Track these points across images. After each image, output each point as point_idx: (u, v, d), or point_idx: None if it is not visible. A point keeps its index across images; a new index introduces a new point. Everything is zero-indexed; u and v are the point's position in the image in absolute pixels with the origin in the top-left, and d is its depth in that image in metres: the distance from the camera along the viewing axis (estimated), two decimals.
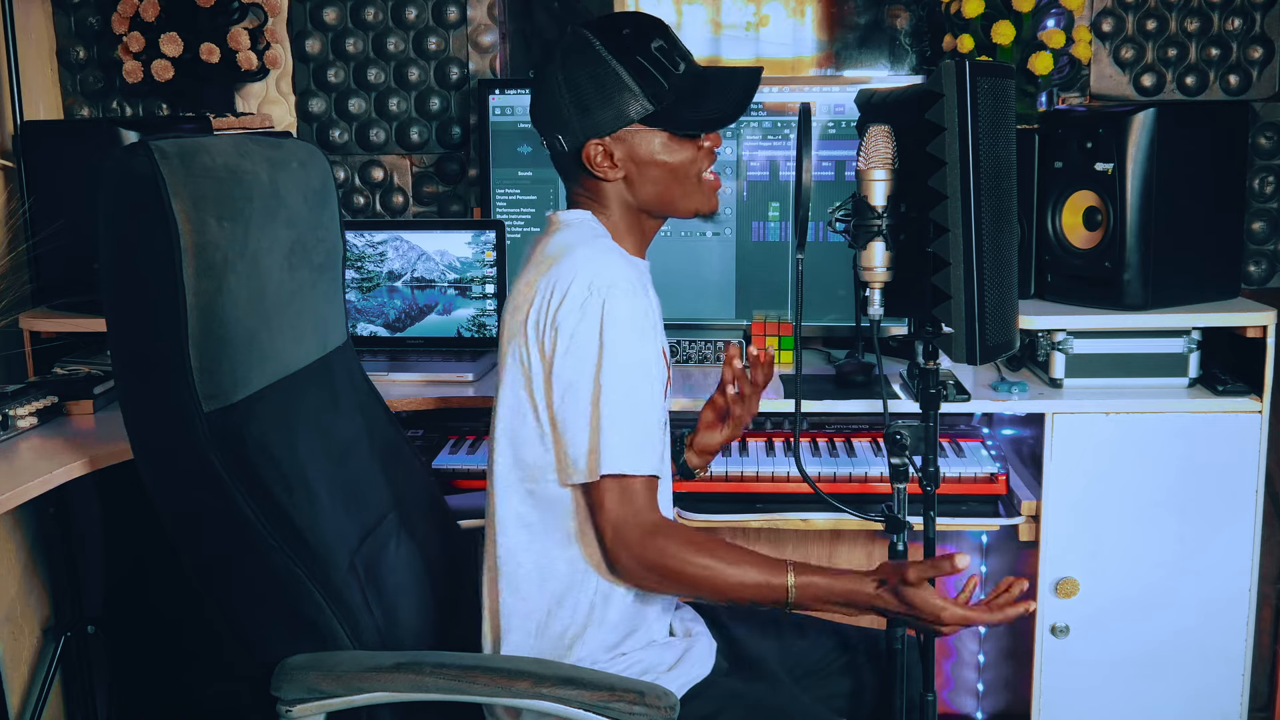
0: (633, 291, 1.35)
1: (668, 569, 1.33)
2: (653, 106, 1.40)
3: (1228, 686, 2.03)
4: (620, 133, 1.41)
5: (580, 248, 1.38)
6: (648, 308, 1.38)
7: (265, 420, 1.35)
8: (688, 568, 1.33)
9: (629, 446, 1.32)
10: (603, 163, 1.42)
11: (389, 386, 2.03)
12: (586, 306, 1.33)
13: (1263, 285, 2.48)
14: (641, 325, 1.35)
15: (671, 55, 1.41)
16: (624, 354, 1.33)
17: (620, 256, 1.40)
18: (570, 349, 1.33)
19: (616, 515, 1.33)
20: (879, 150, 1.45)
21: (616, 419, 1.32)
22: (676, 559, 1.33)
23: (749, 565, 1.35)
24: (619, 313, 1.33)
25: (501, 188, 2.34)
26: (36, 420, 1.90)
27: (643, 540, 1.33)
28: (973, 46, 2.27)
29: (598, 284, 1.33)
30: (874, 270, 1.47)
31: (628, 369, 1.33)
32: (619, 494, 1.33)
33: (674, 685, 1.41)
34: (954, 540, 2.48)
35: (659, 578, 1.35)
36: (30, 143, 2.21)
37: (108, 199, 1.27)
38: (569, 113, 1.41)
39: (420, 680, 1.29)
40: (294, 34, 2.54)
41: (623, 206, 1.46)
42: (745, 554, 1.36)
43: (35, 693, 2.19)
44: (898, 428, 1.49)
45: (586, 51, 1.39)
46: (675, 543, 1.33)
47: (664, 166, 1.43)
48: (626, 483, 1.33)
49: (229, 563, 1.36)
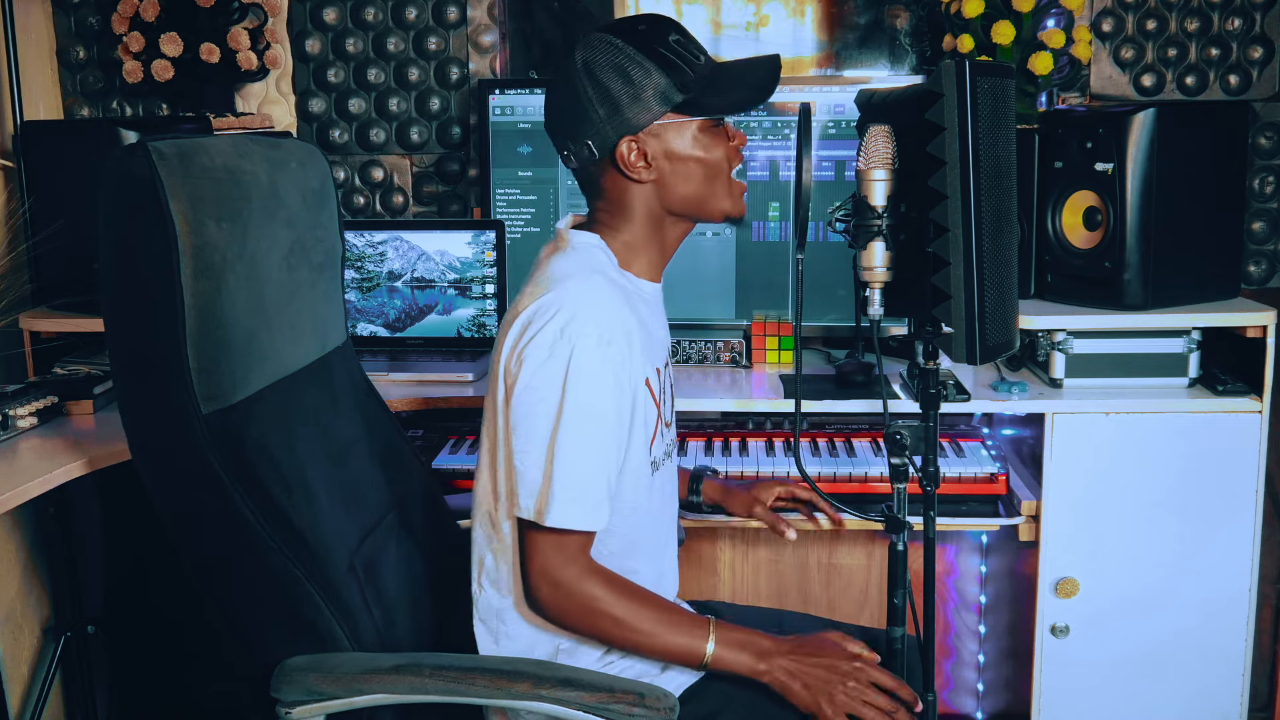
0: (607, 341, 1.33)
1: (586, 619, 1.38)
2: (682, 96, 1.39)
3: (1228, 686, 2.03)
4: (653, 128, 1.40)
5: (572, 281, 1.36)
6: (624, 357, 1.35)
7: (264, 421, 1.35)
8: (604, 620, 1.37)
9: (577, 503, 1.34)
10: (636, 161, 1.40)
11: (389, 386, 2.03)
12: (555, 349, 1.32)
13: (1263, 285, 2.48)
14: (610, 377, 1.33)
15: (690, 48, 1.41)
16: (587, 404, 1.32)
17: (613, 297, 1.37)
18: (530, 385, 1.33)
19: (544, 558, 1.36)
20: (879, 150, 1.45)
21: (568, 472, 1.33)
22: (596, 611, 1.37)
23: (671, 627, 1.39)
24: (587, 362, 1.31)
25: (501, 188, 2.34)
26: (36, 420, 1.90)
27: (564, 584, 1.36)
28: (973, 46, 2.27)
29: (571, 330, 1.31)
30: (874, 270, 1.47)
31: (585, 420, 1.32)
32: (553, 541, 1.35)
33: (673, 686, 1.42)
34: (954, 540, 2.48)
35: (577, 623, 1.39)
36: (30, 143, 2.21)
37: (107, 200, 1.26)
38: (597, 115, 1.39)
39: (420, 682, 1.29)
40: (294, 34, 2.54)
41: (648, 215, 1.44)
42: (669, 616, 1.40)
43: (35, 693, 2.19)
44: (898, 428, 1.49)
45: (609, 50, 1.38)
46: (600, 591, 1.37)
47: (698, 161, 1.42)
48: (565, 538, 1.35)
49: (228, 563, 1.36)
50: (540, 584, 1.37)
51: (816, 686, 1.39)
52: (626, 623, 1.37)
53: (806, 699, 1.39)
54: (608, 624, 1.37)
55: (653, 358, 1.44)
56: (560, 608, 1.37)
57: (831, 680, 1.39)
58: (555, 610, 1.38)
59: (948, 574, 2.51)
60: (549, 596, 1.37)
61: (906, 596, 1.52)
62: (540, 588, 1.37)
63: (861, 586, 2.47)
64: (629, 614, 1.37)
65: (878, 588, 2.46)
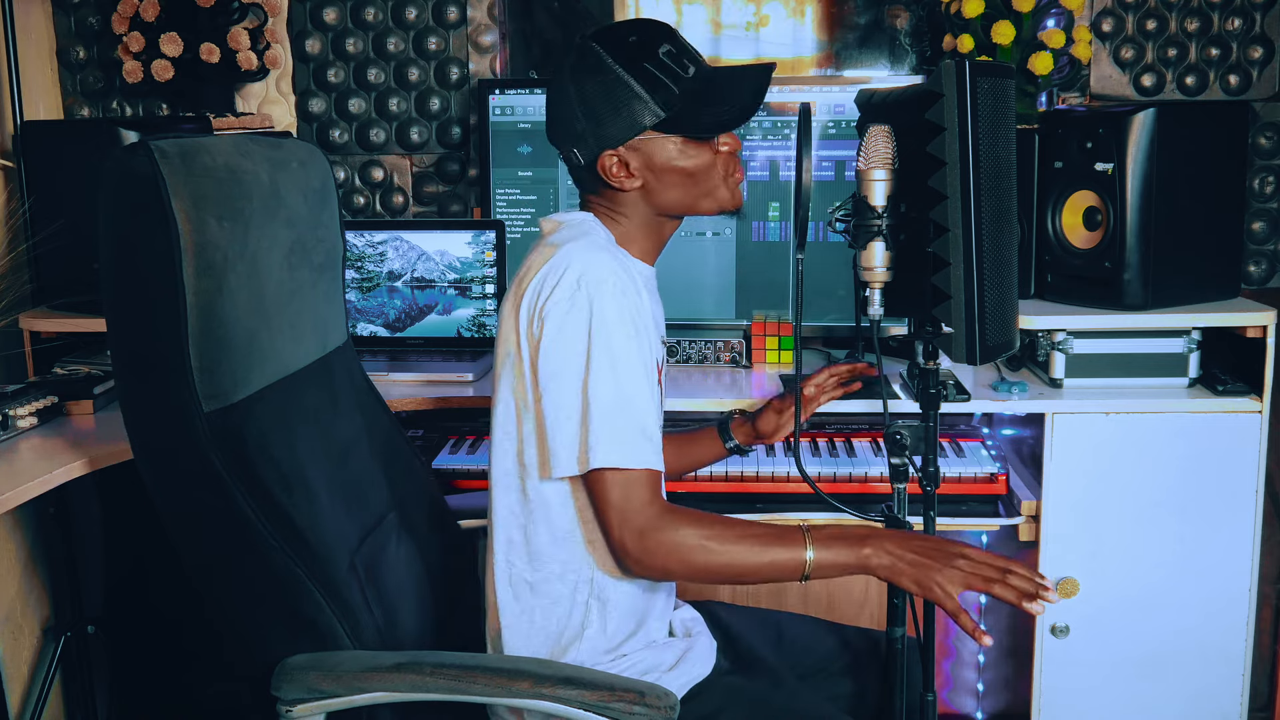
0: (622, 290, 1.34)
1: (678, 557, 1.32)
2: (664, 113, 1.39)
3: (1228, 686, 2.03)
4: (634, 141, 1.40)
5: (573, 244, 1.38)
6: (639, 308, 1.36)
7: (265, 420, 1.35)
8: (698, 554, 1.31)
9: (620, 440, 1.31)
10: (618, 173, 1.41)
11: (389, 386, 2.03)
12: (575, 299, 1.32)
13: (1263, 285, 2.48)
14: (631, 324, 1.34)
15: (680, 60, 1.40)
16: (613, 349, 1.32)
17: (612, 257, 1.38)
18: (557, 340, 1.33)
19: (619, 508, 1.32)
20: (879, 150, 1.45)
21: (607, 413, 1.31)
22: (686, 546, 1.31)
23: (765, 543, 1.33)
24: (607, 309, 1.32)
25: (501, 188, 2.34)
26: (36, 420, 1.90)
27: (649, 529, 1.31)
28: (973, 46, 2.27)
29: (587, 279, 1.32)
30: (874, 270, 1.47)
31: (616, 364, 1.32)
32: (620, 487, 1.32)
33: (675, 685, 1.42)
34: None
35: (672, 566, 1.33)
36: (30, 143, 2.21)
37: (108, 199, 1.26)
38: (582, 126, 1.40)
39: (420, 680, 1.29)
40: (294, 34, 2.54)
41: (640, 214, 1.45)
42: (759, 531, 1.34)
43: (35, 693, 2.19)
44: (898, 428, 1.49)
45: (594, 63, 1.39)
46: (685, 528, 1.32)
47: (681, 172, 1.42)
48: (625, 475, 1.32)
49: (229, 563, 1.36)
50: (625, 537, 1.31)
51: (925, 564, 1.31)
52: (721, 552, 1.31)
53: (916, 579, 1.31)
54: (703, 557, 1.31)
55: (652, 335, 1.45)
56: (653, 554, 1.31)
57: (939, 557, 1.31)
58: (651, 559, 1.31)
59: None
60: (637, 547, 1.31)
61: (906, 597, 1.52)
62: (626, 541, 1.31)
63: (861, 587, 2.47)
64: (722, 543, 1.31)
65: (878, 588, 2.46)
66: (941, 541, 1.34)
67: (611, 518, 1.33)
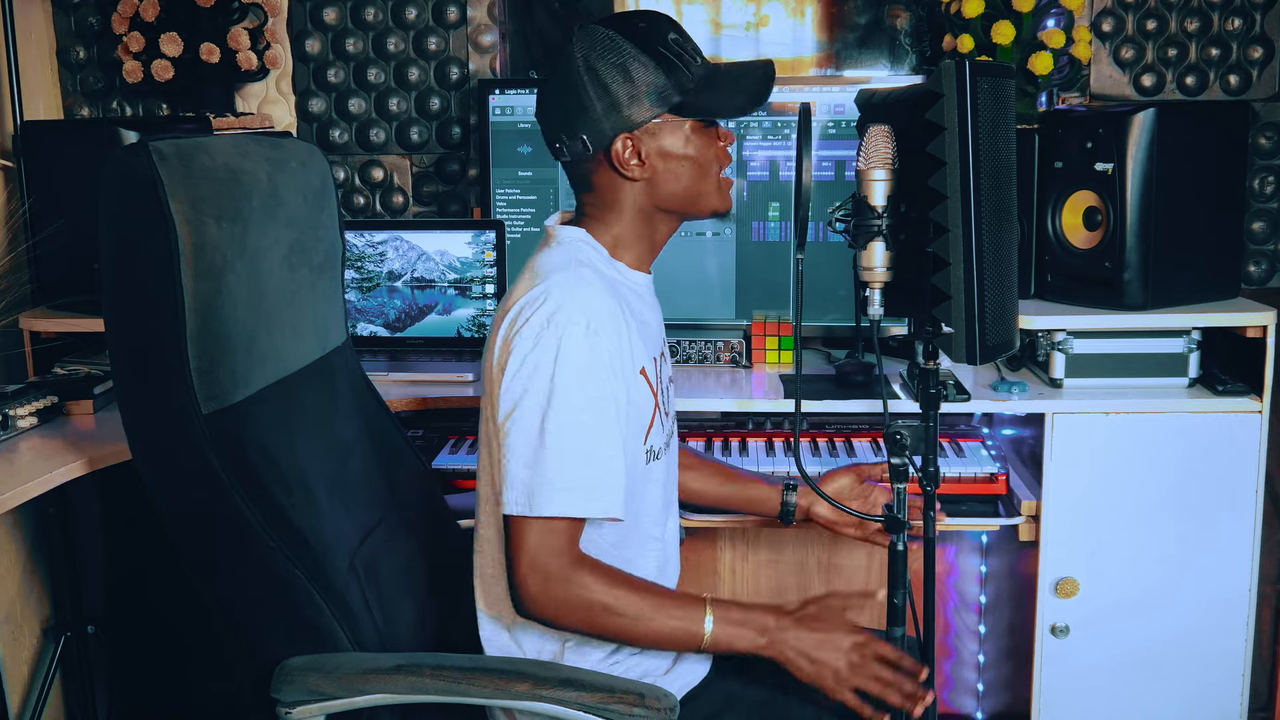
0: (595, 331, 1.32)
1: (580, 615, 1.33)
2: (680, 96, 1.39)
3: (1228, 687, 2.03)
4: (649, 126, 1.39)
5: (559, 274, 1.36)
6: (615, 348, 1.34)
7: (264, 421, 1.35)
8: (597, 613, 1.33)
9: (565, 490, 1.30)
10: (630, 158, 1.39)
11: (389, 386, 2.02)
12: (541, 338, 1.31)
13: (1263, 285, 2.48)
14: (599, 365, 1.32)
15: (687, 48, 1.41)
16: (573, 392, 1.30)
17: (600, 287, 1.36)
18: (518, 374, 1.32)
19: (531, 553, 1.31)
20: (879, 150, 1.44)
21: (555, 459, 1.30)
22: (588, 603, 1.32)
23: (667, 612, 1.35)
24: (574, 352, 1.30)
25: (501, 188, 2.34)
26: (36, 420, 1.90)
27: (555, 578, 1.31)
28: (973, 46, 2.27)
29: (558, 318, 1.31)
30: (874, 270, 1.47)
31: (575, 407, 1.31)
32: (540, 535, 1.31)
33: (672, 688, 1.41)
34: (954, 540, 2.48)
35: (566, 620, 1.34)
36: (30, 143, 2.21)
37: (107, 199, 1.27)
38: (595, 110, 1.37)
39: (420, 682, 1.29)
40: (294, 34, 2.54)
41: (637, 211, 1.44)
42: (664, 600, 1.36)
43: (35, 693, 2.19)
44: (898, 428, 1.49)
45: (609, 46, 1.37)
46: (593, 584, 1.32)
47: (690, 160, 1.42)
48: (552, 526, 1.32)
49: (229, 563, 1.36)
50: (528, 579, 1.31)
51: (822, 661, 1.37)
52: (619, 610, 1.33)
53: (812, 674, 1.38)
54: (600, 613, 1.33)
55: (649, 346, 1.44)
56: (551, 601, 1.32)
57: (837, 655, 1.38)
58: (547, 604, 1.32)
59: (948, 574, 2.51)
60: (538, 591, 1.31)
61: (906, 596, 1.52)
62: (528, 583, 1.31)
63: (861, 587, 2.47)
64: (621, 601, 1.33)
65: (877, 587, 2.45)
66: (837, 636, 1.39)
67: (521, 560, 1.32)
